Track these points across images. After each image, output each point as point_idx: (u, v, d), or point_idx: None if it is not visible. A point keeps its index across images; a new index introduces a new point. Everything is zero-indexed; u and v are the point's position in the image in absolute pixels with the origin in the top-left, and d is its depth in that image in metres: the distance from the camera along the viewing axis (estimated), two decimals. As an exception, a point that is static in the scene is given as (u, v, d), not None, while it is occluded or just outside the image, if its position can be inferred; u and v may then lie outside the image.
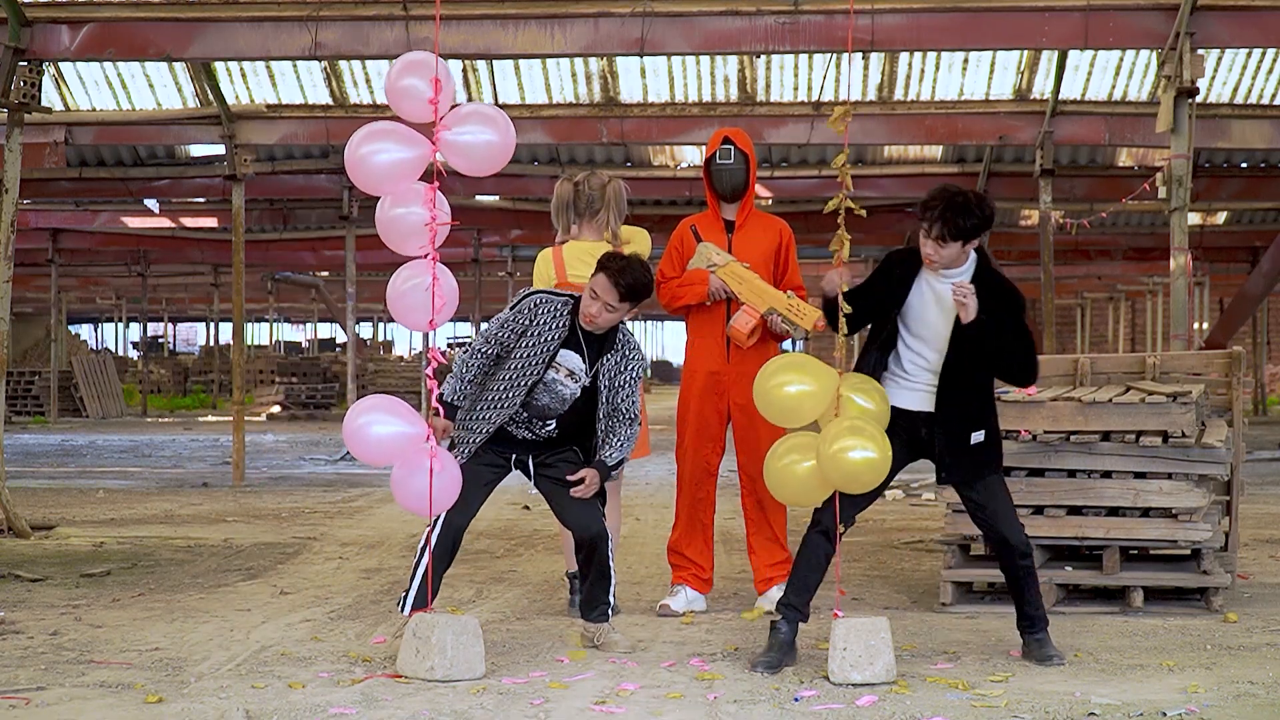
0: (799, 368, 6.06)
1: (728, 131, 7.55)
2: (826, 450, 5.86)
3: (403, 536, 10.51)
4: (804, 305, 7.33)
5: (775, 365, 6.13)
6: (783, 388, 6.03)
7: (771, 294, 7.34)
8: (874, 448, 5.84)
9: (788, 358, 6.27)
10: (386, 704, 5.44)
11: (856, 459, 5.82)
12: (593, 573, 6.51)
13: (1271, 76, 17.92)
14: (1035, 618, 6.29)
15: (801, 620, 6.20)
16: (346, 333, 21.49)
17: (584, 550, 6.50)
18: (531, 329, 6.43)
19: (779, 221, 7.64)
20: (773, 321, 7.35)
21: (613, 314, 6.40)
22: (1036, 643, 6.26)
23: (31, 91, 11.58)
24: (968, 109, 17.59)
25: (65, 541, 10.25)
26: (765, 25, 12.48)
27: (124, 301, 45.22)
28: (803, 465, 6.07)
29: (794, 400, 6.02)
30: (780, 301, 7.33)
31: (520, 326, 6.44)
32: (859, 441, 5.84)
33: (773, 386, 6.05)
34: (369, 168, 6.01)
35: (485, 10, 12.47)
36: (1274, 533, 10.64)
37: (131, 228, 25.93)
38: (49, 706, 5.41)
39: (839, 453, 5.83)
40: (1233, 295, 26.81)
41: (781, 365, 6.11)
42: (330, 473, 16.65)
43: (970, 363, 6.11)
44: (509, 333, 6.45)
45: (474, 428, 6.48)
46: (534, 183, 20.85)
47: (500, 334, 6.45)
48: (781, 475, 6.13)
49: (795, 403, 6.03)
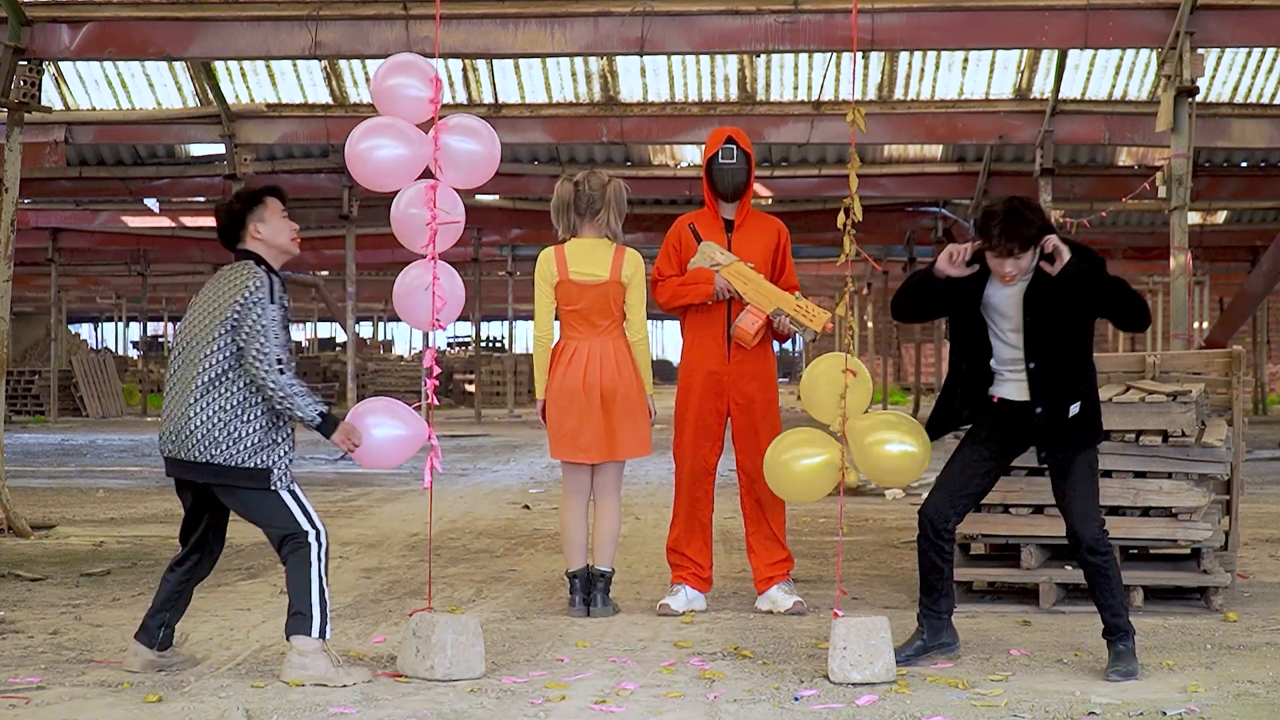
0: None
1: (730, 131, 7.54)
2: (863, 441, 5.97)
3: (403, 536, 10.51)
4: (813, 306, 7.32)
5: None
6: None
7: (779, 295, 7.33)
8: (913, 442, 6.02)
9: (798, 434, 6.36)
10: (386, 703, 5.44)
11: (894, 452, 5.97)
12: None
13: (1271, 76, 17.92)
14: (1116, 626, 5.95)
15: (937, 618, 6.17)
16: (346, 332, 21.49)
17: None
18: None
19: (776, 222, 7.64)
20: (780, 323, 7.33)
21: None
22: (1118, 654, 5.93)
23: (31, 91, 11.59)
24: (968, 108, 17.60)
25: (65, 541, 10.25)
26: (765, 24, 12.49)
27: (124, 301, 45.25)
28: (804, 461, 6.10)
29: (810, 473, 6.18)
30: (788, 303, 7.32)
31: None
32: (897, 435, 5.99)
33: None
34: (368, 162, 6.01)
35: (485, 10, 12.46)
36: (1274, 532, 10.64)
37: (131, 227, 25.95)
38: (49, 706, 5.41)
39: (874, 445, 5.94)
40: (1232, 294, 26.81)
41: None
42: (330, 472, 16.65)
43: (1055, 339, 5.98)
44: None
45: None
46: (534, 182, 20.86)
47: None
48: (782, 471, 6.17)
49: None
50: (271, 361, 5.71)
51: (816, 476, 6.17)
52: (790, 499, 6.52)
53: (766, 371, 7.49)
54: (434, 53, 11.29)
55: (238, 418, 5.77)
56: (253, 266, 5.86)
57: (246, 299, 5.75)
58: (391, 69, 6.08)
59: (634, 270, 7.33)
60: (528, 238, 26.87)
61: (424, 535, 10.34)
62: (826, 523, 11.21)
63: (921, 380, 34.12)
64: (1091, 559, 5.95)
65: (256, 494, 5.80)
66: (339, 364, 35.11)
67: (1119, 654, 5.93)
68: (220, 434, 5.75)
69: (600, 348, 7.26)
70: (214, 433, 5.75)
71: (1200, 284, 32.18)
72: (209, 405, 5.77)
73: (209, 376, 5.78)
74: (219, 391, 5.77)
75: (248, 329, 5.73)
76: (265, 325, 5.72)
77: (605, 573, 7.34)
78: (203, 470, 5.79)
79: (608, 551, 7.34)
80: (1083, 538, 5.95)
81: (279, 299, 5.80)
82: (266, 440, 5.79)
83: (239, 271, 5.86)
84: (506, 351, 38.09)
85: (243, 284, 5.80)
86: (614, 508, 7.38)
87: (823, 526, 11.02)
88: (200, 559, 6.06)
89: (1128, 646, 5.94)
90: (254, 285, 5.77)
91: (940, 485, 6.15)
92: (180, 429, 5.80)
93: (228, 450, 5.75)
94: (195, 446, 5.77)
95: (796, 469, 6.20)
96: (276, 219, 5.99)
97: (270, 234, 5.97)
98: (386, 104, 6.07)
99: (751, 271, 7.34)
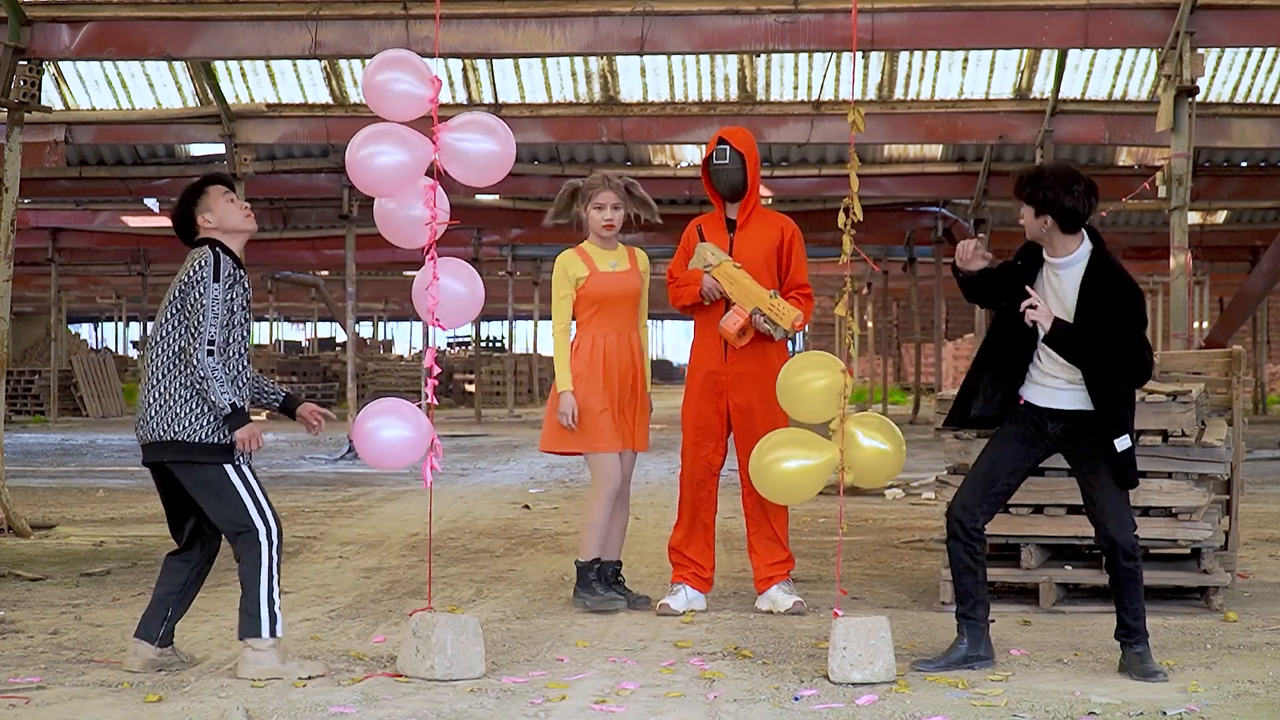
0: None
1: (724, 132, 7.57)
2: (846, 442, 6.09)
3: (403, 535, 10.51)
4: (784, 305, 7.32)
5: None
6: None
7: (756, 293, 7.35)
8: (884, 440, 6.10)
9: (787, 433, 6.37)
10: (386, 703, 5.44)
11: (869, 448, 6.06)
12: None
13: (1271, 76, 17.92)
14: (1134, 629, 5.94)
15: (976, 626, 6.08)
16: (346, 332, 21.48)
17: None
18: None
19: (783, 219, 7.64)
20: (756, 321, 7.36)
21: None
22: (1136, 656, 5.94)
23: (31, 91, 11.59)
24: (968, 108, 17.60)
25: (65, 541, 10.25)
26: (765, 24, 12.49)
27: (124, 301, 45.26)
28: (786, 464, 6.12)
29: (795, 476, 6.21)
30: (764, 301, 7.34)
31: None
32: (868, 433, 6.10)
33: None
34: (370, 170, 6.00)
35: (485, 9, 12.46)
36: (1274, 532, 10.64)
37: (131, 227, 25.94)
38: (49, 705, 5.41)
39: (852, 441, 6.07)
40: (1232, 294, 26.80)
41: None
42: (330, 472, 16.65)
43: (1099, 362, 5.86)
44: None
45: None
46: (534, 182, 20.85)
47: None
48: (766, 473, 6.19)
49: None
50: (203, 341, 5.79)
51: (803, 477, 6.17)
52: (778, 500, 6.53)
53: (766, 372, 7.47)
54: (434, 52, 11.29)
55: (197, 394, 5.84)
56: (203, 249, 5.94)
57: (190, 278, 5.85)
58: (381, 64, 6.06)
59: (646, 267, 7.65)
60: (528, 238, 26.86)
61: (424, 535, 10.34)
62: (826, 523, 11.21)
63: (921, 380, 34.11)
64: (1125, 564, 5.92)
65: (214, 471, 5.85)
66: (339, 364, 35.10)
67: (1139, 655, 5.93)
68: (181, 410, 5.84)
69: (624, 341, 7.52)
70: (175, 408, 5.84)
71: (1200, 284, 32.18)
72: (170, 384, 5.86)
73: (166, 357, 5.88)
74: (178, 369, 5.86)
75: (189, 307, 5.83)
76: (205, 305, 5.80)
77: (618, 564, 7.59)
78: (166, 449, 5.87)
79: (618, 542, 7.61)
80: (1119, 543, 5.92)
81: (226, 277, 5.86)
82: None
83: (190, 256, 5.96)
84: (506, 351, 38.08)
85: (189, 265, 5.91)
86: (627, 501, 7.64)
87: (823, 526, 11.02)
88: (201, 555, 6.09)
89: (1146, 648, 5.95)
90: (198, 265, 5.86)
91: (967, 483, 6.13)
92: (145, 411, 5.91)
93: (189, 426, 5.84)
94: (158, 426, 5.86)
95: (779, 471, 6.20)
96: (221, 204, 6.05)
97: (219, 219, 6.04)
98: (377, 100, 6.05)
99: (738, 271, 7.37)
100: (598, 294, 7.47)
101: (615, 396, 7.44)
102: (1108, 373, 5.85)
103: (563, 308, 7.53)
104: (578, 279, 7.49)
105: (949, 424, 6.46)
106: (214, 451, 5.84)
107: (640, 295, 7.58)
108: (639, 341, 7.58)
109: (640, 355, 7.57)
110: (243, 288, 5.93)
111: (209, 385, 5.77)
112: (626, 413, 7.48)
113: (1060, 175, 5.88)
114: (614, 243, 7.60)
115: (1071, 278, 5.93)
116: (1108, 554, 6.00)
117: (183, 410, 5.84)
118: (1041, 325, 5.81)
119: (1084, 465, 6.02)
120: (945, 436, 7.49)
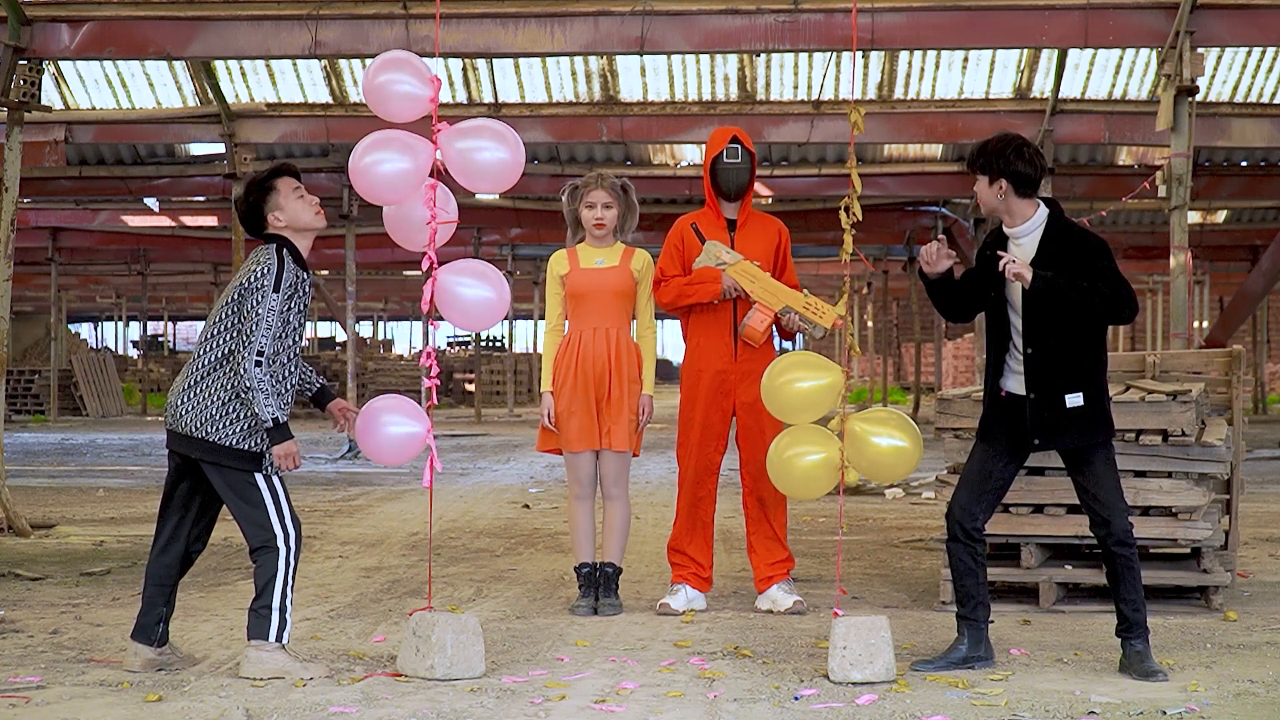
0: (807, 364, 6.22)
1: (733, 130, 7.55)
2: (855, 432, 6.08)
3: (403, 535, 10.52)
4: (822, 303, 7.33)
5: (784, 363, 6.29)
6: (793, 384, 6.19)
7: (787, 293, 7.34)
8: (903, 437, 6.08)
9: (796, 356, 6.35)
10: (386, 703, 5.44)
11: (884, 445, 6.03)
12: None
13: (1271, 75, 17.92)
14: (1134, 621, 5.90)
15: (976, 627, 6.07)
16: (346, 331, 21.48)
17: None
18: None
19: (776, 221, 7.66)
20: (790, 320, 7.33)
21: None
22: (1136, 655, 5.90)
23: (31, 90, 11.59)
24: (967, 108, 17.59)
25: (65, 540, 10.25)
26: (765, 24, 12.48)
27: (124, 300, 45.23)
28: (808, 458, 6.12)
29: (804, 396, 6.17)
30: (797, 300, 7.32)
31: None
32: (886, 430, 6.07)
33: (783, 383, 6.22)
34: (373, 178, 6.00)
35: (485, 9, 12.46)
36: (1274, 531, 10.65)
37: (131, 226, 25.94)
38: (49, 705, 5.41)
39: (864, 436, 6.06)
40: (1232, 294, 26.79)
41: (791, 363, 6.27)
42: (330, 471, 16.65)
43: (1055, 325, 5.91)
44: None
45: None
46: (534, 181, 20.84)
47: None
48: (786, 467, 6.19)
49: (805, 399, 6.17)
50: (253, 351, 5.78)
51: (820, 472, 6.19)
52: (794, 495, 6.53)
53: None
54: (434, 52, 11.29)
55: (237, 398, 5.84)
56: (268, 251, 5.90)
57: (250, 284, 5.82)
58: (381, 66, 6.06)
59: (643, 266, 7.52)
60: (528, 237, 26.85)
61: (424, 534, 10.34)
62: (826, 522, 11.21)
63: (921, 380, 34.11)
64: (1120, 551, 5.91)
65: (243, 478, 5.86)
66: (339, 363, 35.07)
67: (1139, 653, 5.90)
68: (218, 413, 5.84)
69: (601, 338, 7.40)
70: (212, 410, 5.84)
71: (1200, 283, 32.16)
72: (212, 384, 5.86)
73: (215, 356, 5.88)
74: (223, 371, 5.86)
75: (245, 313, 5.81)
76: (260, 314, 5.78)
77: (613, 567, 7.46)
78: (197, 446, 5.87)
79: (614, 544, 7.49)
80: (1114, 528, 5.91)
81: (287, 288, 5.82)
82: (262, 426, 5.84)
83: (255, 255, 5.93)
84: (506, 351, 38.07)
85: (251, 269, 5.87)
86: (620, 502, 7.47)
87: (823, 526, 11.02)
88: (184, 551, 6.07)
89: (1146, 646, 5.92)
90: (260, 271, 5.83)
91: (962, 484, 6.13)
92: (181, 403, 5.89)
93: (223, 430, 5.83)
94: (190, 421, 5.85)
95: (800, 465, 6.21)
96: (291, 201, 6.00)
97: (290, 218, 6.00)
98: (378, 102, 6.05)
99: (758, 270, 7.34)
100: (575, 290, 7.44)
101: (589, 395, 7.34)
102: (1098, 301, 5.84)
103: (550, 306, 7.56)
104: (560, 276, 7.51)
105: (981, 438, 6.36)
106: (244, 458, 5.84)
107: (636, 294, 7.49)
108: (625, 339, 7.46)
109: (626, 353, 7.41)
110: (302, 292, 5.91)
111: (254, 396, 5.77)
112: (603, 411, 7.36)
113: (1008, 140, 5.98)
114: (609, 241, 7.52)
115: (1030, 243, 5.99)
116: (1103, 541, 5.98)
117: (218, 413, 5.84)
118: (1023, 278, 5.83)
119: (1071, 455, 6.03)
120: (945, 436, 7.50)
